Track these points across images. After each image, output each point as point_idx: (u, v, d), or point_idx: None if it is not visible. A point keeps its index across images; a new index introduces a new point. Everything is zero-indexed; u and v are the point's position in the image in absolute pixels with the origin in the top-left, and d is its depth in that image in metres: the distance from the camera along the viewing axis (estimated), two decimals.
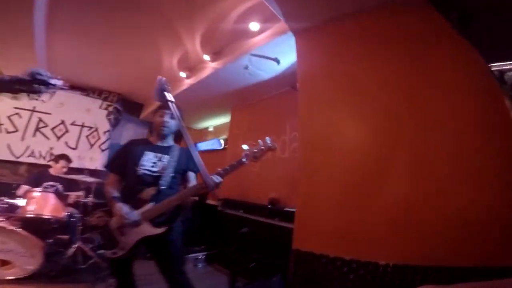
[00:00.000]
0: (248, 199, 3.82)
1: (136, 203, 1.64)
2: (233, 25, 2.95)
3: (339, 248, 1.86)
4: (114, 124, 5.10)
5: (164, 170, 1.75)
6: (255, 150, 1.77)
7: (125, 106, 5.26)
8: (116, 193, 1.71)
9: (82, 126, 4.91)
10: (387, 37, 2.07)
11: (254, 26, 2.87)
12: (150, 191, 1.68)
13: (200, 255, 3.99)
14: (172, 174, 1.76)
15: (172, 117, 1.81)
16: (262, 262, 2.99)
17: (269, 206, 3.32)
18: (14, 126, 4.43)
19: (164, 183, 1.71)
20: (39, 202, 2.84)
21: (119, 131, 5.23)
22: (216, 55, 3.37)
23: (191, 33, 3.20)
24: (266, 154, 1.83)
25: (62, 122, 4.76)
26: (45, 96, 4.66)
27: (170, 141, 1.92)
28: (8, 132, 4.38)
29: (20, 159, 4.44)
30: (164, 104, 1.71)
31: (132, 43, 3.52)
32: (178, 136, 1.98)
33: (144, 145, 1.84)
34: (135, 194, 1.67)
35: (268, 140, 1.78)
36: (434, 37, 1.86)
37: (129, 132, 5.29)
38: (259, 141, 1.78)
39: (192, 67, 3.76)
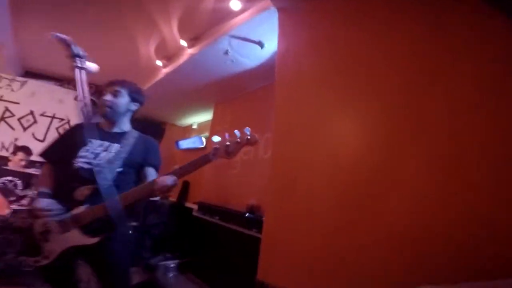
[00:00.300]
0: (226, 204, 3.45)
1: (69, 205, 1.32)
2: (212, 5, 2.62)
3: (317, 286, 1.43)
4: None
5: (108, 163, 1.40)
6: (227, 143, 1.35)
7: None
8: (44, 188, 1.39)
9: (53, 117, 4.51)
10: (390, 8, 1.65)
11: (235, 4, 2.54)
12: (84, 190, 1.34)
13: (172, 263, 3.59)
14: (119, 169, 1.41)
15: (117, 95, 1.52)
16: (237, 276, 2.62)
17: (247, 214, 2.95)
18: None
19: (103, 180, 1.34)
20: None
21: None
22: (194, 41, 3.04)
23: (167, 16, 2.87)
24: (243, 149, 1.42)
25: (31, 113, 4.37)
26: (15, 86, 4.24)
27: (124, 126, 1.58)
28: None
29: None
30: (110, 80, 1.47)
31: (105, 29, 3.22)
32: (160, 129, 1.59)
33: (91, 130, 1.48)
34: (68, 194, 1.34)
35: (247, 131, 1.37)
36: None
37: None
38: (235, 131, 1.38)
39: (170, 56, 3.43)
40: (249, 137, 1.36)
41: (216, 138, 1.38)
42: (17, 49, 3.78)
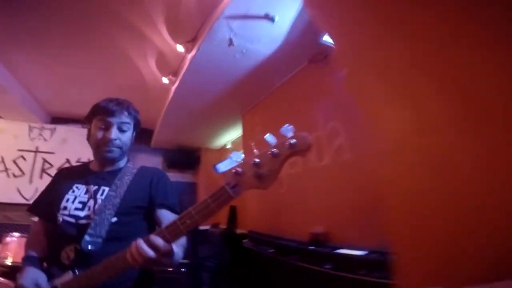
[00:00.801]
0: (281, 233, 2.67)
1: (60, 269, 1.03)
2: None
3: None
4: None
5: (97, 214, 1.07)
6: (256, 161, 0.78)
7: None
8: (31, 252, 1.13)
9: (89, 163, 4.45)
10: None
11: None
12: (69, 252, 1.04)
13: None
14: (113, 219, 1.07)
15: (125, 129, 1.18)
16: None
17: (311, 245, 2.12)
18: (21, 170, 4.25)
19: (90, 238, 1.03)
20: (14, 249, 2.55)
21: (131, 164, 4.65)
22: (191, 43, 2.43)
23: (151, 23, 2.38)
24: (287, 162, 0.79)
25: (67, 161, 4.41)
26: (46, 134, 4.27)
27: (120, 162, 1.25)
28: (16, 176, 4.21)
29: (31, 202, 4.21)
30: (105, 108, 1.14)
31: (104, 61, 3.00)
32: (195, 156, 1.17)
33: (76, 175, 1.22)
34: (56, 255, 1.06)
35: (287, 131, 0.77)
36: None
37: (141, 163, 4.61)
38: (267, 137, 0.78)
39: (175, 70, 2.89)
40: (293, 140, 0.75)
41: (236, 156, 0.82)
42: (35, 96, 3.81)
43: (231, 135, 4.36)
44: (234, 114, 3.58)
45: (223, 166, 4.64)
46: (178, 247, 0.92)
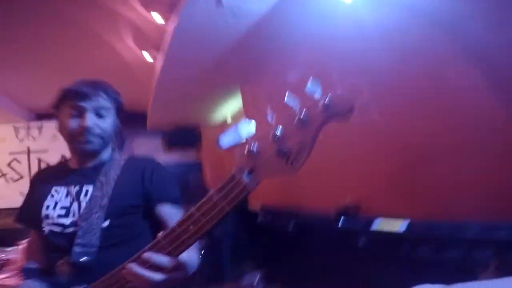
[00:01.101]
0: (299, 206, 2.48)
1: (61, 283, 0.91)
2: None
3: None
4: (120, 144, 4.33)
5: (84, 219, 0.92)
6: (277, 132, 0.56)
7: (125, 121, 4.44)
8: (30, 263, 1.04)
9: None
10: None
11: None
12: (63, 266, 0.89)
13: (255, 277, 3.04)
14: (104, 224, 0.92)
15: (103, 114, 1.01)
16: None
17: (339, 218, 1.80)
18: (18, 173, 4.16)
19: (81, 248, 0.88)
20: None
21: (129, 150, 4.48)
22: (170, 11, 2.10)
23: None
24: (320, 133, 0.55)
25: (63, 157, 4.19)
26: (34, 133, 4.07)
27: (104, 155, 1.08)
28: (15, 180, 4.15)
29: None
30: (76, 90, 0.97)
31: (78, 47, 2.79)
32: (195, 135, 1.15)
33: (53, 176, 1.08)
34: (53, 269, 0.93)
35: (315, 89, 0.52)
36: None
37: (141, 149, 4.46)
38: (288, 99, 0.54)
39: (159, 45, 2.55)
40: (328, 100, 0.52)
41: (245, 127, 0.64)
42: (11, 95, 3.61)
43: (231, 108, 4.10)
44: (231, 85, 3.29)
45: (226, 140, 4.36)
46: (189, 252, 0.76)
